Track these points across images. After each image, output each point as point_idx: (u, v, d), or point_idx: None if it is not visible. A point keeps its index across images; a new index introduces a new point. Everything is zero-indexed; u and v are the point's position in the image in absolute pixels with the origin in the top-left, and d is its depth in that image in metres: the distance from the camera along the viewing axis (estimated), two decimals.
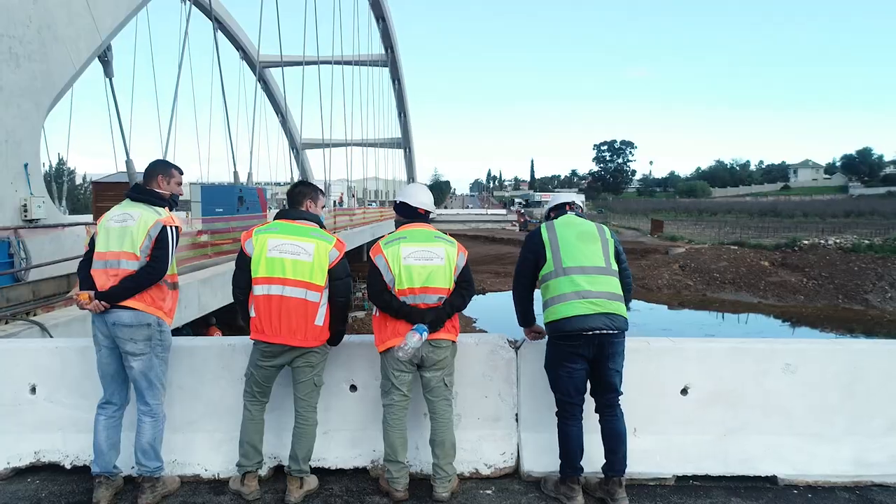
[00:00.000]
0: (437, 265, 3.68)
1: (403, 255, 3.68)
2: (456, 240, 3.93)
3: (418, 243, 3.73)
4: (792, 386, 3.98)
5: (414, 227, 3.85)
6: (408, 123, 69.32)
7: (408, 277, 3.66)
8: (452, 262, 3.72)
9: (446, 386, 3.77)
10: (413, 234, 3.78)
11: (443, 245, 3.74)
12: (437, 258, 3.69)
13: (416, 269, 3.67)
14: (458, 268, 3.75)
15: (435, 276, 3.67)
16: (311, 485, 3.84)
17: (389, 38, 55.22)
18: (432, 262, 3.68)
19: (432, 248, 3.72)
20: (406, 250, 3.69)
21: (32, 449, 4.10)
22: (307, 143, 58.21)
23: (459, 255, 3.77)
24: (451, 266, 3.71)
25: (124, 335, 3.64)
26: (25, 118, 11.22)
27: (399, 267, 3.67)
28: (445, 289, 3.69)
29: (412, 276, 3.66)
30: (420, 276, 3.66)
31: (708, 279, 33.25)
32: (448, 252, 3.73)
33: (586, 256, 3.68)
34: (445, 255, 3.71)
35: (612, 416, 3.70)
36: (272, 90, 52.61)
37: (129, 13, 14.63)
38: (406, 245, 3.72)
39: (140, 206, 3.75)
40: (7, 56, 10.73)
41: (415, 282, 3.66)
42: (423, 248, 3.71)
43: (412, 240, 3.75)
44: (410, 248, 3.70)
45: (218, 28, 40.39)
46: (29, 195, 11.13)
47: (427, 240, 3.75)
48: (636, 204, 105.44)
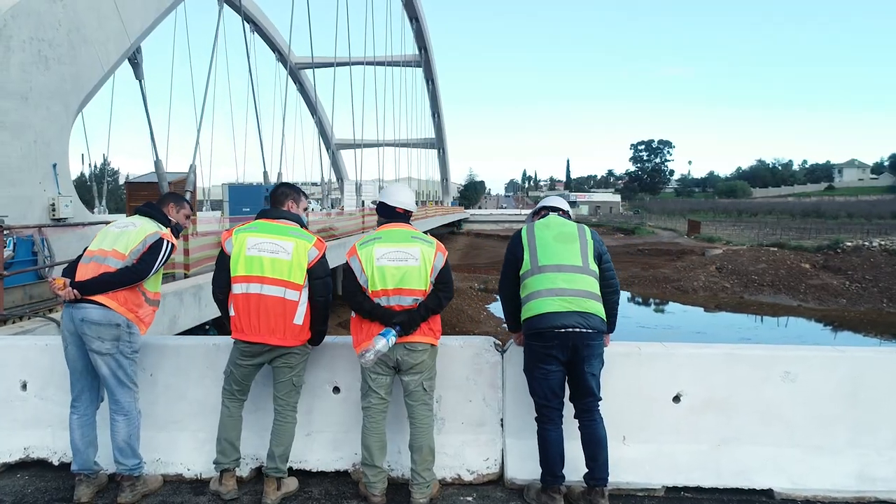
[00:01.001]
0: (412, 266, 3.60)
1: (377, 255, 3.61)
2: (436, 240, 3.83)
3: (393, 244, 3.65)
4: (792, 394, 3.79)
5: (391, 227, 3.78)
6: (441, 124, 69.37)
7: (381, 278, 3.59)
8: (429, 262, 3.62)
9: (425, 390, 3.68)
10: (389, 235, 3.72)
11: (418, 245, 3.65)
12: (411, 259, 3.60)
13: (389, 269, 3.59)
14: (435, 269, 3.64)
15: (409, 277, 3.59)
16: (289, 486, 3.80)
17: (423, 38, 55.36)
18: (406, 263, 3.60)
19: (407, 248, 3.63)
20: (379, 251, 3.63)
21: (22, 445, 4.16)
22: (341, 143, 58.74)
23: (437, 255, 3.67)
24: (427, 267, 3.61)
25: (91, 332, 3.62)
26: (54, 120, 11.49)
27: (372, 268, 3.60)
28: (421, 290, 3.60)
29: (385, 277, 3.59)
30: (393, 278, 3.58)
31: (745, 281, 32.49)
32: (424, 252, 3.63)
33: (563, 256, 3.62)
34: (420, 256, 3.61)
35: (590, 420, 3.57)
36: (307, 91, 53.17)
37: (159, 16, 14.91)
38: (380, 246, 3.65)
39: (146, 218, 3.87)
40: (36, 59, 11.01)
41: (388, 283, 3.58)
42: (398, 248, 3.63)
43: (387, 240, 3.68)
44: (384, 249, 3.63)
45: (254, 30, 41.11)
46: (57, 194, 11.40)
47: (402, 240, 3.67)
48: (673, 204, 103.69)
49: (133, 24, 13.75)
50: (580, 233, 3.73)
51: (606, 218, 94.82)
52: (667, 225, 70.22)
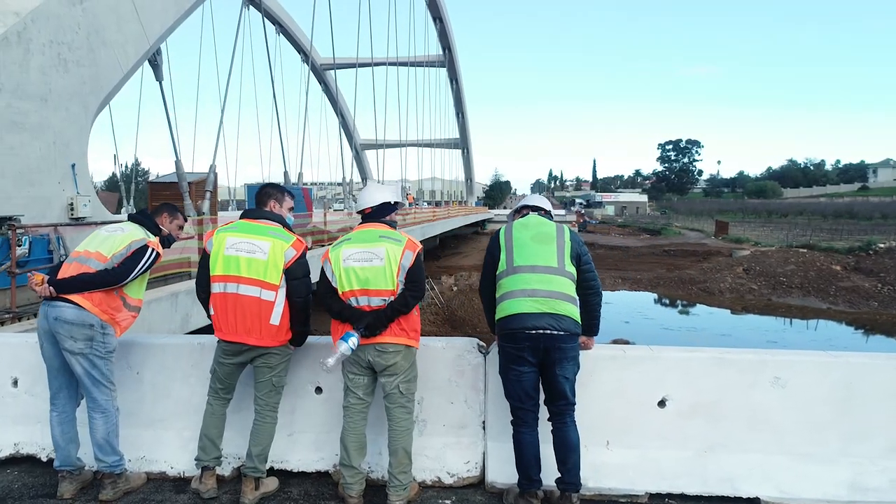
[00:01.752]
0: (377, 266, 3.56)
1: (343, 257, 3.61)
2: (408, 236, 3.76)
3: (359, 244, 3.64)
4: (781, 400, 3.67)
5: (362, 227, 3.77)
6: (465, 124, 69.30)
7: (347, 280, 3.58)
8: (395, 262, 3.57)
9: (402, 393, 3.63)
10: (357, 236, 3.71)
11: (384, 245, 3.60)
12: (376, 259, 3.57)
13: (354, 270, 3.57)
14: (402, 268, 3.58)
15: (374, 277, 3.56)
16: (268, 486, 3.80)
17: (447, 38, 55.33)
18: (371, 263, 3.57)
19: (373, 248, 3.60)
20: (346, 252, 3.62)
21: (12, 441, 4.22)
22: (365, 143, 59.00)
23: (405, 253, 3.60)
24: (393, 266, 3.56)
25: (64, 331, 3.63)
26: (73, 121, 11.71)
27: (339, 269, 3.60)
28: (388, 290, 3.55)
29: (350, 278, 3.57)
30: (358, 278, 3.56)
31: (773, 283, 31.86)
32: (389, 252, 3.58)
33: (538, 256, 3.57)
34: (386, 256, 3.57)
35: (561, 424, 3.51)
36: (332, 91, 53.49)
37: (178, 18, 15.11)
38: (347, 247, 3.65)
39: (135, 225, 3.91)
40: (56, 62, 11.23)
41: (354, 284, 3.57)
42: (364, 249, 3.61)
43: (355, 241, 3.67)
44: (350, 250, 3.62)
45: (279, 31, 41.50)
46: (76, 194, 11.62)
47: (369, 240, 3.64)
48: (701, 205, 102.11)
49: (152, 26, 13.95)
50: (558, 233, 3.66)
51: (632, 218, 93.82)
52: (694, 226, 69.26)
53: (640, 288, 33.11)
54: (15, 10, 10.39)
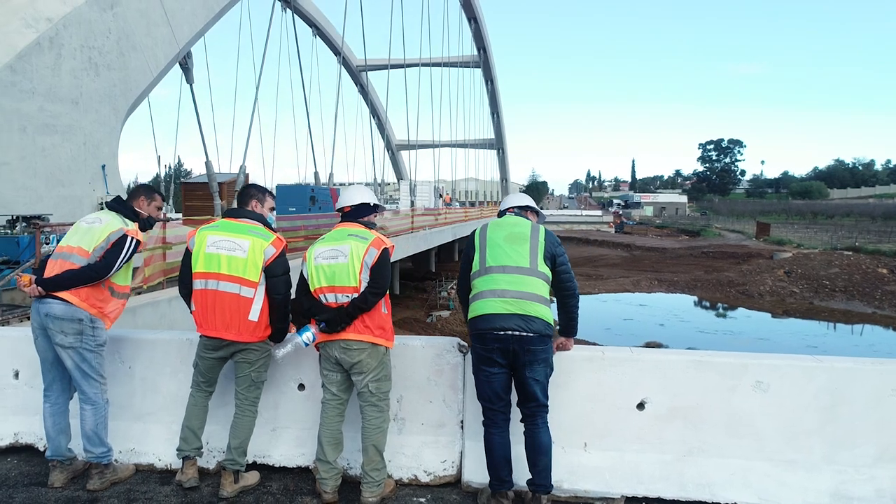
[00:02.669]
0: (340, 263, 3.62)
1: (314, 255, 3.70)
2: (378, 234, 3.79)
3: (329, 243, 3.71)
4: (763, 405, 3.58)
5: (336, 226, 3.84)
6: (501, 124, 69.11)
7: (317, 277, 3.66)
8: (357, 259, 3.60)
9: (371, 392, 3.66)
10: (329, 235, 3.78)
11: (349, 243, 3.65)
12: (341, 256, 3.63)
13: (321, 268, 3.65)
14: (365, 265, 3.61)
15: (339, 274, 3.61)
16: (249, 480, 3.86)
17: (482, 38, 55.28)
18: (336, 261, 3.63)
19: (340, 246, 3.66)
20: (317, 251, 3.71)
21: (13, 430, 4.38)
22: (401, 144, 59.34)
23: (369, 250, 3.63)
24: (356, 264, 3.60)
25: (55, 326, 3.76)
26: (104, 123, 12.10)
27: (311, 267, 3.69)
28: (351, 287, 3.59)
29: (319, 275, 3.65)
30: (325, 275, 3.64)
31: (816, 286, 30.97)
32: (353, 250, 3.62)
33: (510, 256, 3.54)
34: (350, 253, 3.62)
35: (532, 426, 3.49)
36: (368, 93, 53.95)
37: (207, 22, 15.45)
38: (318, 246, 3.74)
39: (112, 214, 3.98)
40: (87, 66, 11.61)
41: (322, 281, 3.64)
42: (332, 247, 3.68)
43: (326, 240, 3.75)
44: (320, 249, 3.70)
45: (315, 34, 42.05)
46: (106, 194, 11.99)
47: (338, 238, 3.71)
48: (743, 205, 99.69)
49: (181, 30, 14.30)
50: (532, 233, 3.62)
51: (671, 219, 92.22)
52: (735, 227, 67.66)
53: (677, 290, 32.56)
54: (48, 16, 10.77)
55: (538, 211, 4.04)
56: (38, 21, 10.63)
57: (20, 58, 10.17)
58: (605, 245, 54.90)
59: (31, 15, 10.63)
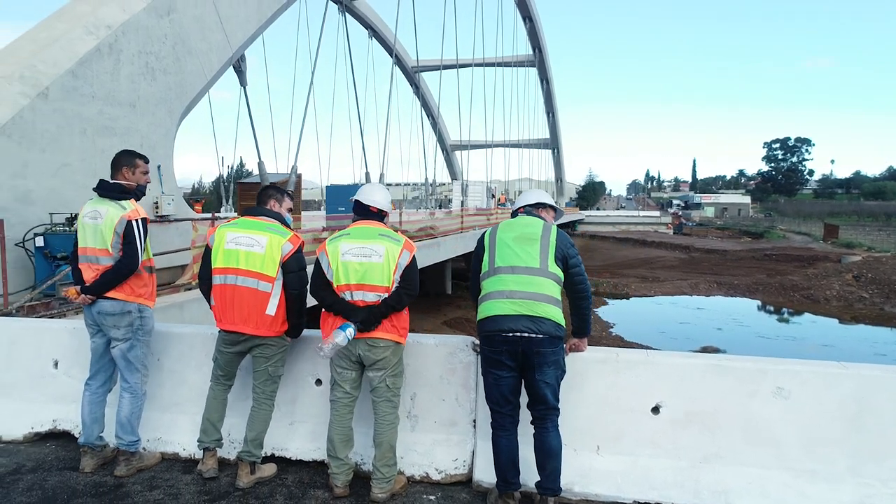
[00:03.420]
0: (375, 262, 3.64)
1: (342, 251, 3.70)
2: (405, 237, 3.83)
3: (358, 240, 3.72)
4: (784, 413, 3.44)
5: (360, 224, 3.84)
6: (556, 123, 68.44)
7: (344, 273, 3.67)
8: (392, 260, 3.64)
9: (388, 388, 3.70)
10: (356, 231, 3.78)
11: (384, 243, 3.68)
12: (375, 255, 3.65)
13: (352, 265, 3.66)
14: (399, 266, 3.66)
15: (371, 273, 3.64)
16: (265, 472, 3.95)
17: (537, 37, 54.87)
18: (370, 259, 3.65)
19: (372, 245, 3.68)
20: (345, 247, 3.71)
21: (51, 417, 4.61)
22: (455, 144, 59.50)
23: (403, 253, 3.69)
24: (391, 264, 3.64)
25: (108, 322, 3.99)
26: (159, 125, 12.57)
27: (337, 263, 3.69)
28: (383, 287, 3.63)
29: (348, 272, 3.66)
30: (356, 273, 3.65)
31: (888, 292, 29.46)
32: (389, 250, 3.66)
33: (519, 257, 3.48)
34: (385, 253, 3.65)
35: (542, 429, 3.44)
36: (423, 93, 54.23)
37: (260, 26, 15.88)
38: (346, 241, 3.73)
39: (106, 202, 4.01)
40: (144, 70, 12.08)
41: (350, 278, 3.66)
42: (363, 245, 3.69)
43: (354, 237, 3.75)
44: (349, 245, 3.71)
45: (372, 35, 42.62)
46: (161, 193, 12.46)
47: (369, 237, 3.72)
48: (811, 206, 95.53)
49: (235, 35, 14.72)
50: (543, 233, 3.56)
51: (733, 220, 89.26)
52: (801, 229, 65.08)
53: (737, 293, 31.55)
54: (108, 23, 11.27)
55: (555, 207, 3.97)
56: (98, 28, 11.12)
57: (81, 63, 10.66)
58: (662, 247, 53.61)
59: (93, 22, 11.13)
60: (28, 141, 9.67)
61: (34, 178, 9.70)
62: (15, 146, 9.48)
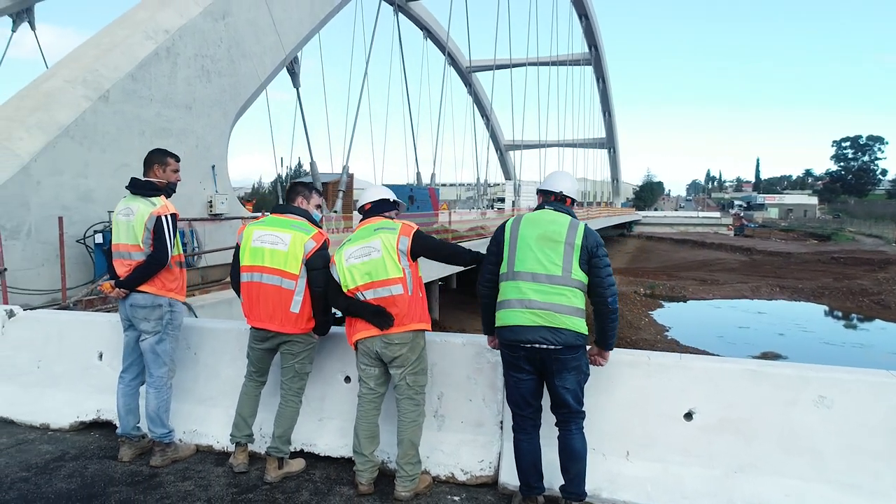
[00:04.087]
0: (375, 258, 3.63)
1: (345, 257, 3.72)
2: (403, 221, 3.80)
3: (357, 242, 3.73)
4: (825, 422, 3.25)
5: (361, 224, 3.87)
6: (612, 122, 67.30)
7: (351, 277, 3.68)
8: (392, 249, 3.62)
9: (408, 385, 3.67)
10: (356, 234, 3.80)
11: (379, 236, 3.67)
12: (374, 251, 3.64)
13: (355, 268, 3.67)
14: (402, 253, 3.64)
15: (376, 269, 3.62)
16: (293, 467, 3.99)
17: (593, 35, 54.07)
18: (370, 257, 3.64)
19: (370, 242, 3.68)
20: (347, 252, 3.73)
21: (96, 407, 4.77)
22: (509, 144, 59.25)
23: (401, 239, 3.65)
24: (392, 254, 3.61)
25: (139, 315, 4.11)
26: (214, 126, 12.92)
27: (343, 270, 3.71)
28: (396, 278, 3.60)
29: (353, 276, 3.67)
30: (360, 274, 3.65)
31: None
32: (385, 242, 3.64)
33: (540, 263, 3.29)
34: (382, 246, 3.63)
35: (565, 431, 3.35)
36: (478, 93, 54.19)
37: (313, 29, 16.14)
38: (347, 247, 3.75)
39: (138, 199, 4.14)
40: (200, 73, 12.45)
41: (357, 280, 3.66)
42: (361, 245, 3.69)
43: (353, 240, 3.76)
44: (350, 249, 3.72)
45: (426, 36, 42.88)
46: (214, 193, 12.82)
47: (366, 236, 3.72)
48: (883, 207, 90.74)
49: (288, 37, 15.00)
50: (569, 233, 3.32)
51: (798, 222, 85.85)
52: (871, 231, 62.06)
53: (801, 298, 30.35)
54: (165, 28, 11.65)
55: (568, 196, 3.58)
56: (157, 33, 11.52)
57: (140, 67, 11.06)
58: (722, 248, 52.03)
59: (152, 27, 11.53)
60: (90, 142, 10.09)
61: (95, 177, 10.11)
62: (78, 147, 9.91)
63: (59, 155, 9.57)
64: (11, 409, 4.97)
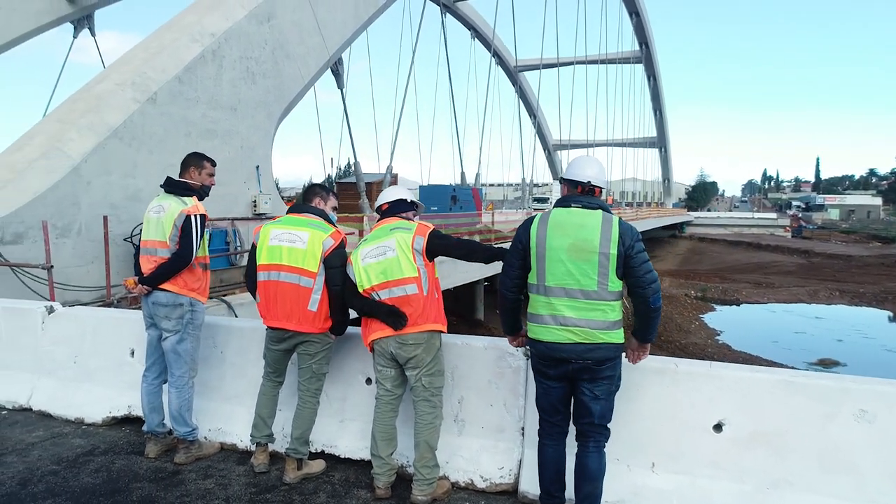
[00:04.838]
0: (390, 258, 3.59)
1: (361, 257, 3.69)
2: (420, 222, 3.76)
3: (372, 242, 3.70)
4: (867, 438, 3.04)
5: (378, 224, 3.84)
6: (664, 121, 65.86)
7: (366, 277, 3.65)
8: (406, 248, 3.57)
9: (424, 387, 3.61)
10: (372, 234, 3.78)
11: (395, 236, 3.63)
12: (389, 251, 3.60)
13: (371, 267, 3.64)
14: (417, 252, 3.59)
15: (391, 268, 3.58)
16: (313, 468, 3.97)
17: (644, 32, 53.01)
18: (385, 257, 3.61)
19: (384, 242, 3.65)
20: (362, 252, 3.70)
21: (127, 403, 4.86)
22: (557, 144, 58.66)
23: (416, 239, 3.60)
24: (407, 253, 3.57)
25: (161, 313, 4.14)
26: (258, 127, 13.14)
27: (359, 269, 3.68)
28: (410, 277, 3.56)
29: (369, 275, 3.64)
30: (376, 274, 3.62)
31: None
32: (399, 241, 3.59)
33: (573, 277, 3.06)
34: (397, 245, 3.59)
35: (584, 447, 3.20)
36: (525, 92, 53.79)
37: (356, 30, 16.26)
38: (363, 247, 3.73)
39: (170, 197, 4.19)
40: (245, 75, 12.67)
41: (372, 280, 3.62)
42: (376, 245, 3.67)
43: (370, 240, 3.74)
44: (366, 249, 3.70)
45: (474, 36, 42.80)
46: (258, 192, 13.03)
47: (381, 235, 3.69)
48: None
49: (332, 38, 15.14)
50: (602, 238, 3.03)
51: (861, 223, 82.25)
52: None
53: (863, 303, 29.14)
54: (211, 31, 11.90)
55: (596, 185, 3.23)
56: (203, 36, 11.77)
57: (187, 70, 11.31)
58: (778, 251, 50.29)
59: (198, 31, 11.79)
60: (138, 143, 10.37)
61: (143, 177, 10.38)
62: (126, 148, 10.19)
63: (108, 155, 9.86)
64: (50, 403, 5.12)
